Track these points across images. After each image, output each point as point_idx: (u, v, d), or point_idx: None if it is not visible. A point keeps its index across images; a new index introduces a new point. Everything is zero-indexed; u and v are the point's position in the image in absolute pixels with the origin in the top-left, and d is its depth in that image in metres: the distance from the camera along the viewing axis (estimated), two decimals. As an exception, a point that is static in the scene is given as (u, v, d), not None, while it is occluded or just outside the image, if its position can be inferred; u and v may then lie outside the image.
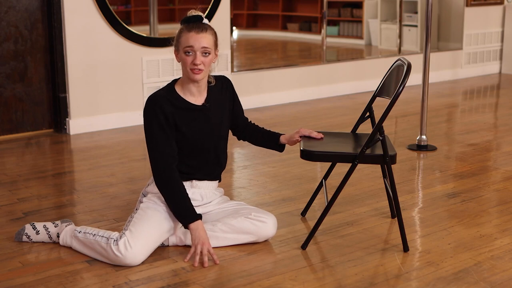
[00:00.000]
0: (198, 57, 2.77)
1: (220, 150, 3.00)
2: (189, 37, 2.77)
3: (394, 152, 2.92)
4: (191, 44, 2.77)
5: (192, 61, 2.78)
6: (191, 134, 2.87)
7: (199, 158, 2.93)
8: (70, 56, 5.12)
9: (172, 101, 2.84)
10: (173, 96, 2.86)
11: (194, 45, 2.77)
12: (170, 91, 2.88)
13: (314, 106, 6.29)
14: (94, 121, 5.29)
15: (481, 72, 8.10)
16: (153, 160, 2.84)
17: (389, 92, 3.04)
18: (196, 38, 2.77)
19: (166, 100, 2.83)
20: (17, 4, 4.99)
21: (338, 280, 2.65)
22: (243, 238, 2.94)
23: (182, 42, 2.80)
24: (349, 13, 9.18)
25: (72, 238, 2.90)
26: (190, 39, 2.77)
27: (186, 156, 2.91)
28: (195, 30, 2.78)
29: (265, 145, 3.17)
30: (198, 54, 2.77)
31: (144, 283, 2.63)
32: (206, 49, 2.79)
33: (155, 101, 2.82)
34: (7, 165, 4.35)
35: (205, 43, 2.78)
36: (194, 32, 2.77)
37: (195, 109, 2.89)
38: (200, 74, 2.80)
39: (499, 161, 4.36)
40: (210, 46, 2.80)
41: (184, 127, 2.85)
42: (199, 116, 2.89)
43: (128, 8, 5.96)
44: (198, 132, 2.88)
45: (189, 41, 2.77)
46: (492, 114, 5.96)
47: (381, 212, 3.41)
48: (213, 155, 2.97)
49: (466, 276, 2.68)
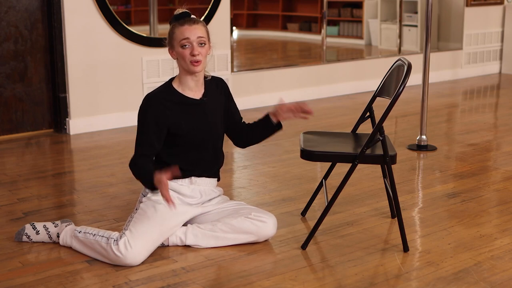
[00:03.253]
0: (195, 48, 2.83)
1: (217, 146, 3.03)
2: (184, 30, 2.84)
3: (394, 152, 2.92)
4: (186, 36, 2.83)
5: (191, 52, 2.83)
6: (189, 128, 2.90)
7: (197, 153, 2.96)
8: (70, 56, 5.12)
9: (170, 97, 2.89)
10: (171, 92, 2.92)
11: (190, 36, 2.83)
12: (168, 88, 2.94)
13: (314, 106, 6.29)
14: (94, 121, 5.29)
15: (481, 72, 8.09)
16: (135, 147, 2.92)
17: (389, 92, 3.04)
18: (191, 30, 2.84)
19: (163, 97, 2.90)
20: (17, 4, 4.99)
21: (338, 280, 2.65)
22: (243, 238, 2.95)
23: (177, 36, 2.86)
24: (349, 13, 9.18)
25: (72, 238, 2.91)
26: (185, 31, 2.84)
27: (184, 151, 2.94)
28: (188, 23, 2.85)
29: (266, 134, 3.12)
30: (195, 45, 2.84)
31: (144, 283, 2.63)
32: (202, 38, 2.85)
33: (152, 100, 2.89)
34: (7, 165, 4.35)
35: (200, 33, 2.85)
36: (187, 25, 2.85)
37: (193, 103, 2.93)
38: (199, 65, 2.86)
39: (499, 161, 4.36)
40: (204, 36, 2.87)
41: (183, 122, 2.89)
42: (197, 110, 2.93)
43: (128, 8, 5.96)
44: (196, 126, 2.91)
45: (184, 33, 2.84)
46: (492, 114, 5.96)
47: (381, 212, 3.41)
48: (210, 150, 2.99)
49: (466, 276, 2.68)
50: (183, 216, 2.93)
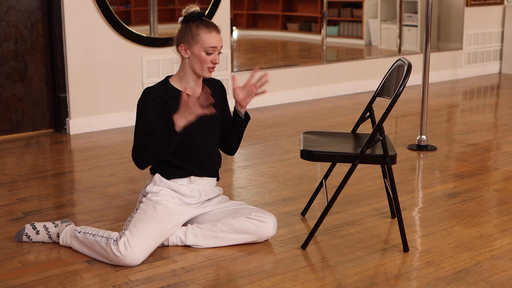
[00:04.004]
0: (218, 57, 2.89)
1: (214, 145, 3.04)
2: (212, 37, 2.86)
3: (394, 152, 2.92)
4: (215, 45, 2.87)
5: (212, 60, 2.88)
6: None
7: (195, 151, 2.97)
8: (70, 56, 5.12)
9: (168, 93, 2.92)
10: (169, 89, 2.94)
11: (218, 45, 2.88)
12: (166, 84, 2.96)
13: (314, 106, 6.29)
14: (94, 121, 5.29)
15: (481, 72, 8.09)
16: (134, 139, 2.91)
17: (389, 92, 3.04)
18: (218, 39, 2.88)
19: (162, 91, 2.92)
20: (17, 4, 4.99)
21: (338, 280, 2.65)
22: (243, 238, 2.95)
23: (204, 41, 2.85)
24: (349, 13, 9.18)
25: (72, 238, 2.91)
26: (213, 39, 2.86)
27: (182, 150, 2.94)
28: (215, 31, 2.89)
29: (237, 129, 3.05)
30: (217, 54, 2.89)
31: (144, 283, 2.63)
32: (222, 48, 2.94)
33: (151, 92, 2.91)
34: (7, 165, 4.35)
35: (222, 43, 2.92)
36: (215, 33, 2.88)
37: None
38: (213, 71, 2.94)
39: (499, 161, 4.36)
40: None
41: None
42: None
43: (128, 8, 5.96)
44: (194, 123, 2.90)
45: (213, 41, 2.86)
46: (492, 114, 5.96)
47: (381, 212, 3.41)
48: (208, 149, 3.00)
49: (466, 276, 2.68)
50: (183, 216, 2.93)
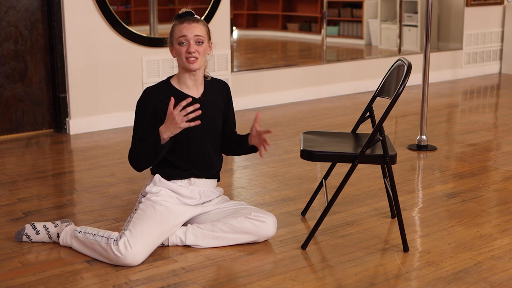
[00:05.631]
0: (192, 45, 2.88)
1: (214, 146, 3.03)
2: (182, 28, 2.89)
3: (394, 152, 2.92)
4: (184, 33, 2.88)
5: (187, 49, 2.87)
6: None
7: (195, 152, 2.96)
8: (70, 56, 5.12)
9: (168, 93, 2.91)
10: (169, 89, 2.95)
11: (187, 34, 2.88)
12: (166, 84, 2.97)
13: (314, 106, 6.29)
14: (94, 121, 5.29)
15: (481, 72, 8.09)
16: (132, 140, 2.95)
17: (389, 92, 3.04)
18: (189, 28, 2.88)
19: (162, 92, 2.92)
20: (17, 4, 4.99)
21: (338, 280, 2.65)
22: (243, 238, 2.95)
23: (175, 34, 2.91)
24: (349, 13, 9.18)
25: (72, 238, 2.91)
26: (183, 29, 2.89)
27: (181, 150, 2.94)
28: (187, 21, 2.90)
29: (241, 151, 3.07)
30: (192, 43, 2.88)
31: (144, 283, 2.63)
32: (199, 37, 2.89)
33: (150, 92, 2.93)
34: (7, 165, 4.35)
35: (198, 32, 2.89)
36: (186, 23, 2.90)
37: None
38: (196, 62, 2.88)
39: (499, 161, 4.36)
40: (202, 34, 2.90)
41: None
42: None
43: (128, 8, 5.96)
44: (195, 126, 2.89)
45: (182, 31, 2.88)
46: (492, 114, 5.95)
47: (381, 212, 3.41)
48: (208, 150, 3.00)
49: (466, 276, 2.68)
50: (182, 216, 2.93)
